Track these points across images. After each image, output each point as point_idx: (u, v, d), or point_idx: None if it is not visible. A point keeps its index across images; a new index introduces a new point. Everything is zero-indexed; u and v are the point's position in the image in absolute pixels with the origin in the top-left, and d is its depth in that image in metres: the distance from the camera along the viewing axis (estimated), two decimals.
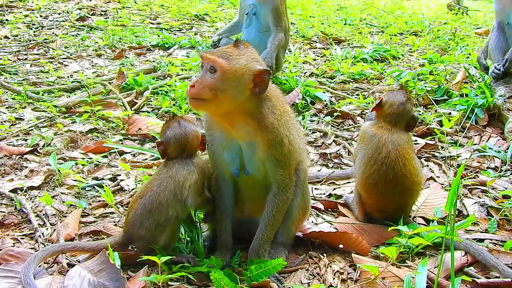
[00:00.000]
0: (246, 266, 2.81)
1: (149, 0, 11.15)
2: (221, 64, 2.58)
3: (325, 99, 5.92)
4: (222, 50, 2.67)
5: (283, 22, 6.30)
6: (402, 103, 3.40)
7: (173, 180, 2.83)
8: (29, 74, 6.46)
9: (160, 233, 2.81)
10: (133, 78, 6.07)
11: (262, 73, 2.63)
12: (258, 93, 2.65)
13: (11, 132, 4.67)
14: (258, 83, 2.63)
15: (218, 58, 2.59)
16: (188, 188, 2.80)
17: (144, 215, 2.81)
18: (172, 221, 2.82)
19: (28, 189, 3.75)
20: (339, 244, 3.11)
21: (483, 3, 22.15)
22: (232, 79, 2.59)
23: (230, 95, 2.61)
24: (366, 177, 3.33)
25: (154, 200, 2.81)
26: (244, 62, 2.63)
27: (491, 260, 2.91)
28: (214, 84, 2.57)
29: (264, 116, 2.69)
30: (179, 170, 2.85)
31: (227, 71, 2.58)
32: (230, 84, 2.59)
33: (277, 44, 6.16)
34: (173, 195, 2.80)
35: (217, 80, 2.58)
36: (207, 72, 2.60)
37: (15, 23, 8.74)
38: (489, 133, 5.02)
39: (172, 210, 2.80)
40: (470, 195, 3.89)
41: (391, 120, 3.38)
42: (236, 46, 2.71)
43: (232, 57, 2.62)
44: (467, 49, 8.37)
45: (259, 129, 2.68)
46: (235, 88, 2.60)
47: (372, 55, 7.89)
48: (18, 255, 2.81)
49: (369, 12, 12.76)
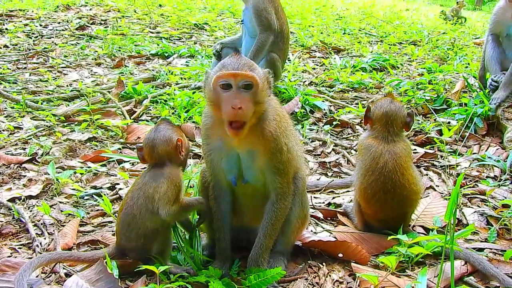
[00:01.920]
0: (245, 275, 2.79)
1: (149, 9, 11.20)
2: (255, 76, 2.54)
3: (325, 108, 5.92)
4: (244, 63, 2.57)
5: (265, 21, 6.10)
6: (391, 101, 3.40)
7: (143, 192, 2.80)
8: (29, 83, 6.47)
9: (150, 242, 2.79)
10: (132, 87, 6.08)
11: (270, 73, 2.68)
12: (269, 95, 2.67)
13: (9, 141, 4.66)
14: (269, 86, 2.66)
15: (250, 72, 2.53)
16: (157, 200, 2.74)
17: (124, 228, 2.81)
18: (159, 230, 2.79)
19: (26, 198, 3.73)
20: (339, 253, 3.09)
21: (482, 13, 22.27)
22: (265, 88, 2.60)
23: (263, 105, 2.61)
24: (364, 187, 3.31)
25: (129, 213, 2.80)
26: (258, 69, 2.64)
27: (491, 270, 2.89)
28: (254, 100, 2.54)
29: (266, 124, 2.67)
30: (148, 181, 2.82)
31: (259, 82, 2.56)
32: (264, 94, 2.60)
33: (257, 47, 6.06)
34: (145, 208, 2.76)
35: (255, 95, 2.55)
36: (241, 91, 2.53)
37: (15, 32, 8.77)
38: (488, 142, 5.02)
39: (149, 222, 2.76)
40: (469, 204, 3.87)
41: (388, 122, 3.36)
42: (240, 56, 2.64)
43: (254, 66, 2.61)
44: (466, 59, 8.41)
45: (261, 137, 2.66)
46: (265, 97, 2.62)
47: (371, 64, 7.92)
48: (15, 266, 2.78)
49: (368, 21, 12.82)
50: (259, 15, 6.10)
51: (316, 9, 14.64)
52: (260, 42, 6.09)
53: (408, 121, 3.41)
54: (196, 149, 4.72)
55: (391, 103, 3.40)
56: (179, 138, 2.89)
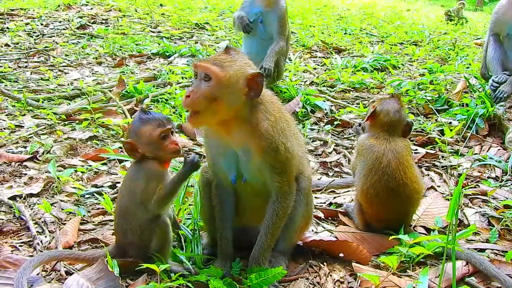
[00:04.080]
0: (246, 274, 2.78)
1: (150, 9, 11.19)
2: (215, 71, 2.55)
3: (326, 108, 5.92)
4: (214, 58, 2.64)
5: (286, 31, 6.34)
6: (397, 110, 3.41)
7: (126, 188, 2.84)
8: (30, 82, 6.46)
9: (148, 236, 2.79)
10: (133, 86, 6.07)
11: (255, 76, 2.61)
12: (253, 97, 2.63)
13: (10, 139, 4.65)
14: (253, 87, 2.62)
15: (211, 65, 2.57)
16: (139, 196, 2.76)
17: (120, 222, 2.83)
18: (152, 221, 2.78)
19: (27, 196, 3.73)
20: (339, 253, 3.08)
21: (483, 14, 22.26)
22: (227, 86, 2.57)
23: (226, 102, 2.59)
24: (367, 188, 3.31)
25: (121, 206, 2.84)
26: (237, 67, 2.61)
27: (493, 270, 2.88)
28: (210, 92, 2.55)
29: (258, 121, 2.67)
30: (130, 176, 2.85)
31: (221, 78, 2.56)
32: (225, 91, 2.57)
33: (277, 51, 6.18)
34: (132, 202, 2.78)
35: (213, 88, 2.55)
36: (201, 81, 2.58)
37: (16, 31, 8.76)
38: (489, 143, 5.02)
39: (140, 213, 2.77)
40: (471, 205, 3.87)
41: (388, 128, 3.38)
42: (228, 52, 2.68)
43: (225, 64, 2.60)
44: (467, 59, 8.41)
45: (253, 135, 2.66)
46: (230, 94, 2.59)
47: (372, 64, 7.92)
48: (16, 262, 2.79)
49: (369, 22, 12.82)
50: (283, 25, 6.29)
51: (317, 9, 14.65)
52: (279, 49, 6.22)
53: (407, 130, 3.45)
54: (197, 148, 4.72)
55: (397, 111, 3.40)
56: (126, 141, 2.82)
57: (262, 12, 6.30)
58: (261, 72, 2.64)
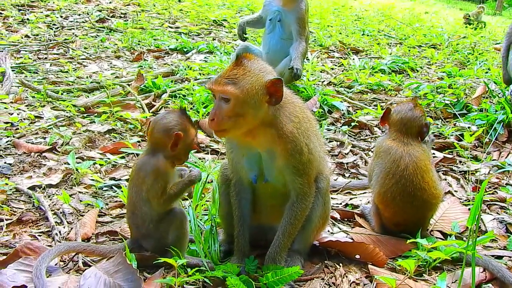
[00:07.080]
0: (262, 272, 2.79)
1: (168, 4, 11.23)
2: (232, 91, 2.53)
3: (343, 109, 5.90)
4: (227, 76, 2.58)
5: (306, 31, 6.33)
6: (410, 109, 3.38)
7: (135, 181, 2.84)
8: (49, 73, 6.52)
9: (166, 227, 2.81)
10: (151, 81, 6.11)
11: (274, 82, 2.58)
12: (275, 103, 2.62)
13: (30, 130, 4.70)
14: (273, 93, 2.59)
15: (226, 86, 2.54)
16: (146, 192, 2.78)
17: (131, 215, 2.86)
18: (170, 215, 2.81)
19: (46, 187, 3.77)
20: (356, 255, 3.08)
21: (502, 19, 22.02)
22: (247, 101, 2.55)
23: (250, 115, 2.58)
24: (384, 191, 3.29)
25: (130, 201, 2.86)
26: (253, 78, 2.57)
27: (510, 278, 2.85)
28: (232, 112, 2.54)
29: (283, 124, 2.66)
30: (138, 170, 2.84)
31: (239, 96, 2.53)
32: (247, 106, 2.56)
33: (302, 51, 6.18)
34: (139, 198, 2.81)
35: (234, 107, 2.54)
36: (221, 102, 2.57)
37: (36, 23, 8.83)
38: (508, 149, 4.97)
39: (146, 209, 2.79)
40: (488, 211, 3.84)
41: (402, 128, 3.35)
42: (239, 64, 2.62)
43: (239, 79, 2.55)
44: (486, 64, 8.32)
45: (278, 138, 2.66)
46: (253, 107, 2.57)
47: (390, 66, 7.87)
48: (36, 250, 2.82)
49: (387, 23, 12.75)
50: (303, 25, 6.29)
51: (335, 9, 14.59)
52: (302, 50, 6.21)
53: (424, 131, 3.39)
54: (214, 145, 4.73)
55: (409, 110, 3.38)
56: (178, 133, 2.79)
57: (281, 11, 6.30)
58: (280, 78, 2.61)
